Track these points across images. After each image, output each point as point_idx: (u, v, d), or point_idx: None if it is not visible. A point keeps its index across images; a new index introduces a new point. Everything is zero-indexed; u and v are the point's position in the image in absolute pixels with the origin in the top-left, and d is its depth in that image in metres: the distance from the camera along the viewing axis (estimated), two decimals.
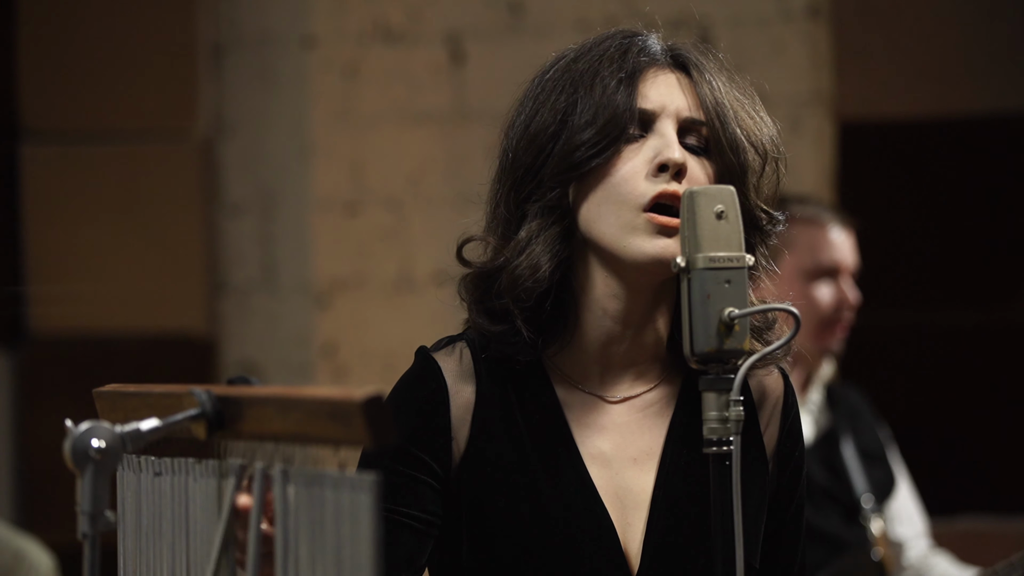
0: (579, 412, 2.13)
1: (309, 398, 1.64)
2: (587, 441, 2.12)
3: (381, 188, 5.00)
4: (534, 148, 2.08)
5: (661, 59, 2.11)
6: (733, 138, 2.07)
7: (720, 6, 4.83)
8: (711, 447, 1.90)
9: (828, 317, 3.78)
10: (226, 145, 5.08)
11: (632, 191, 2.04)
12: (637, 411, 2.14)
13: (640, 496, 2.12)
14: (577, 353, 2.13)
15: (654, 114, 2.07)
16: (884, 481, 3.88)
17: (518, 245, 2.08)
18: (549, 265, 2.07)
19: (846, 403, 3.92)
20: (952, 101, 4.91)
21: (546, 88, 2.10)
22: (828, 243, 3.80)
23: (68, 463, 1.67)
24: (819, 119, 4.90)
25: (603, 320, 2.11)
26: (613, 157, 2.05)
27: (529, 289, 2.07)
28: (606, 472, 2.12)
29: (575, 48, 2.14)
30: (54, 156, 5.02)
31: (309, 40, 5.04)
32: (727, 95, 2.10)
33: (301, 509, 1.63)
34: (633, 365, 2.14)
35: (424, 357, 2.13)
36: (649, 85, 2.08)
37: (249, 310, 5.05)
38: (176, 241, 5.02)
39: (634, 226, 2.04)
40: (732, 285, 1.91)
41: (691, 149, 2.07)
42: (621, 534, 2.10)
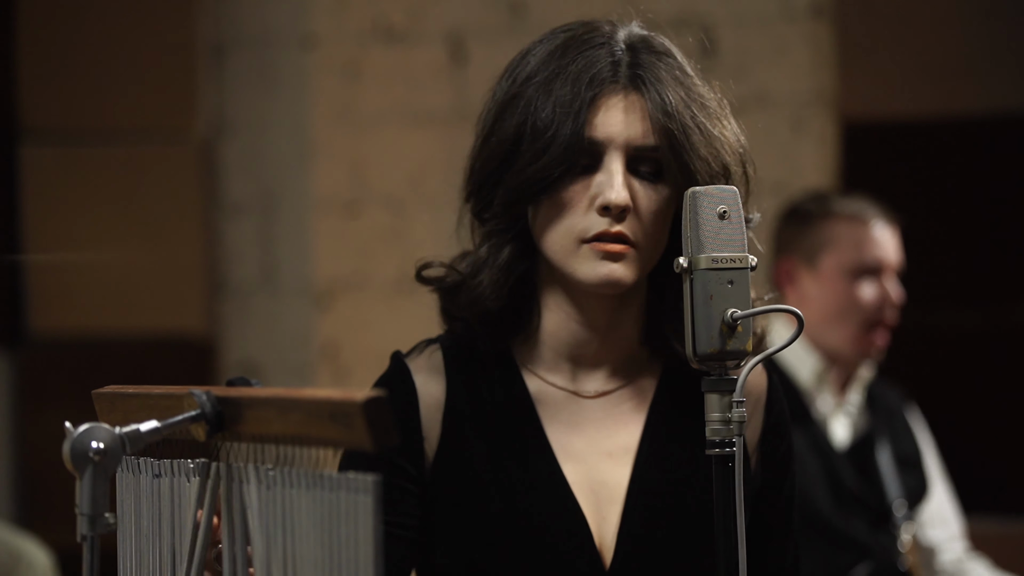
0: (552, 408, 2.15)
1: (309, 399, 1.64)
2: (560, 436, 2.14)
3: (382, 188, 4.99)
4: (488, 166, 2.11)
5: (619, 79, 2.08)
6: (685, 165, 2.06)
7: (723, 6, 4.83)
8: (714, 448, 1.90)
9: (871, 316, 3.75)
10: (226, 145, 5.08)
11: (575, 226, 2.07)
12: (612, 406, 2.16)
13: (615, 490, 2.13)
14: (547, 349, 2.16)
15: (603, 146, 2.07)
16: (917, 487, 3.85)
17: (477, 263, 2.13)
18: (508, 284, 2.12)
19: (884, 404, 3.89)
20: (956, 101, 4.91)
21: (511, 92, 2.11)
22: (871, 241, 3.76)
23: (67, 464, 1.66)
24: (822, 119, 4.89)
25: (568, 323, 2.15)
26: (560, 191, 2.07)
27: (489, 308, 2.12)
28: (580, 467, 2.13)
29: (551, 42, 2.13)
30: (54, 156, 5.02)
31: (310, 40, 5.04)
32: (683, 115, 2.08)
33: (302, 511, 1.63)
34: (605, 362, 2.16)
35: (395, 361, 2.17)
36: (602, 113, 2.07)
37: (249, 311, 5.05)
38: (176, 241, 5.01)
39: (577, 254, 2.07)
40: (735, 286, 1.91)
41: (644, 176, 2.08)
42: (595, 528, 2.11)
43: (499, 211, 2.10)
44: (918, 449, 3.90)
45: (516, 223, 2.11)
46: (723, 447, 1.90)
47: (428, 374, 2.15)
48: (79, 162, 5.01)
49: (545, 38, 2.15)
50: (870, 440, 3.81)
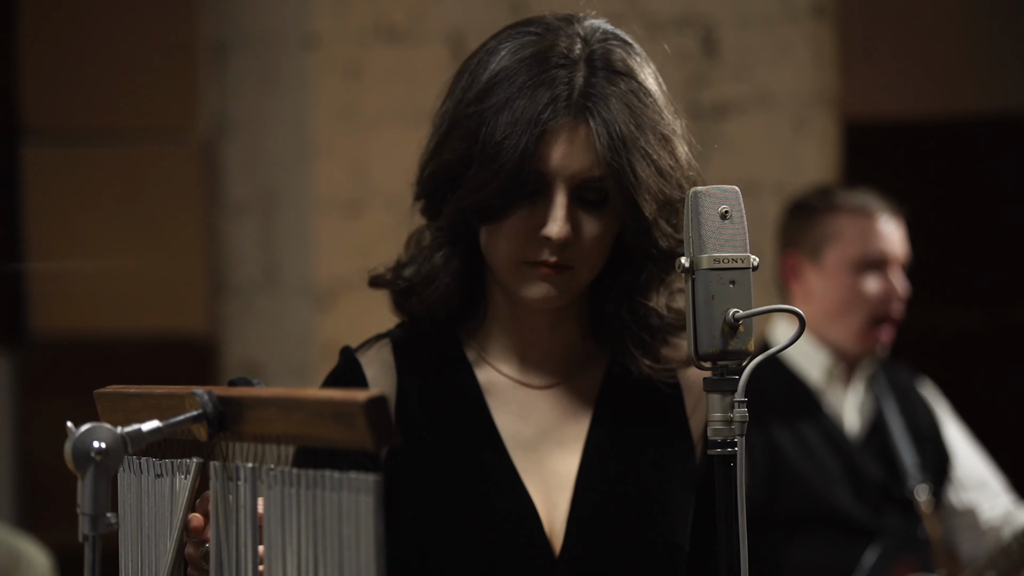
0: (502, 399, 2.19)
1: (311, 399, 1.64)
2: (510, 426, 2.18)
3: (383, 188, 4.99)
4: (435, 180, 2.15)
5: (569, 110, 2.08)
6: (629, 197, 2.08)
7: (725, 6, 4.83)
8: (716, 448, 1.90)
9: (877, 311, 3.74)
10: (228, 145, 5.08)
11: (518, 251, 2.11)
12: (561, 397, 2.20)
13: (565, 478, 2.16)
14: (496, 342, 2.20)
15: (549, 177, 2.08)
16: (937, 460, 3.83)
17: (430, 273, 2.17)
18: (459, 289, 2.17)
19: (894, 384, 3.87)
20: (957, 101, 4.91)
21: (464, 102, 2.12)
22: (876, 234, 3.75)
23: (69, 464, 1.66)
24: (824, 119, 4.89)
25: (513, 323, 2.19)
26: (505, 217, 2.10)
27: (441, 312, 2.17)
28: (531, 456, 2.17)
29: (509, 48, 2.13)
30: (55, 156, 5.01)
31: (311, 40, 5.04)
32: (631, 147, 2.08)
33: (303, 511, 1.63)
34: (552, 356, 2.20)
35: (345, 355, 2.21)
36: (551, 145, 2.08)
37: (251, 311, 5.05)
38: (177, 241, 5.01)
39: (518, 274, 2.12)
40: (737, 286, 1.91)
41: (588, 203, 2.10)
42: (546, 516, 2.14)
43: (445, 226, 2.14)
44: (934, 422, 3.88)
45: (464, 235, 2.15)
46: (725, 447, 1.89)
47: (379, 368, 2.18)
48: (80, 162, 5.01)
49: (509, 38, 2.15)
50: (881, 424, 3.79)
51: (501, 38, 2.16)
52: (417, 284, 2.18)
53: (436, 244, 2.17)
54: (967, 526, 3.88)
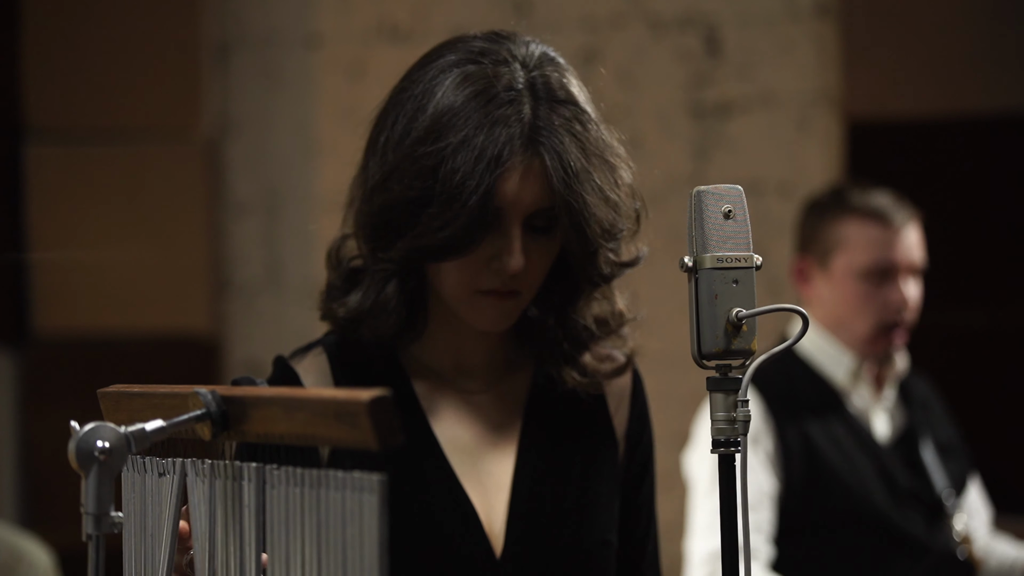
0: (438, 404, 2.22)
1: (315, 398, 1.64)
2: (447, 431, 2.21)
3: None
4: (387, 215, 2.14)
5: (522, 143, 2.10)
6: (580, 229, 2.11)
7: (728, 5, 4.82)
8: (719, 448, 1.89)
9: (884, 320, 3.70)
10: (231, 144, 5.08)
11: (471, 280, 2.13)
12: (495, 399, 2.24)
13: (501, 479, 2.20)
14: (432, 350, 2.23)
15: (505, 211, 2.11)
16: (961, 474, 3.81)
17: (382, 302, 2.18)
18: (405, 312, 2.18)
19: (918, 395, 3.85)
20: (961, 100, 4.91)
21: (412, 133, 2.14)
22: (883, 242, 3.70)
23: (72, 464, 1.66)
24: (827, 118, 4.89)
25: (452, 337, 2.23)
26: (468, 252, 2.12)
27: (389, 335, 2.19)
28: (467, 459, 2.20)
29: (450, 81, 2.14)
30: (58, 156, 5.02)
31: (314, 39, 5.04)
32: (580, 177, 2.10)
33: (307, 510, 1.63)
34: (485, 363, 2.25)
35: (280, 364, 2.26)
36: (507, 182, 2.10)
37: (254, 310, 5.05)
38: (181, 241, 5.01)
39: (471, 303, 2.15)
40: (740, 285, 1.91)
41: (538, 230, 2.13)
42: (485, 517, 2.18)
43: (398, 260, 2.14)
44: (955, 436, 3.86)
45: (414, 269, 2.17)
46: (728, 446, 1.89)
47: (316, 377, 2.21)
48: (83, 161, 5.01)
49: (446, 68, 2.15)
50: (912, 434, 3.76)
51: (437, 67, 2.16)
52: (367, 312, 2.19)
53: (386, 274, 2.18)
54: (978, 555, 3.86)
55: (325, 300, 2.28)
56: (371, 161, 2.21)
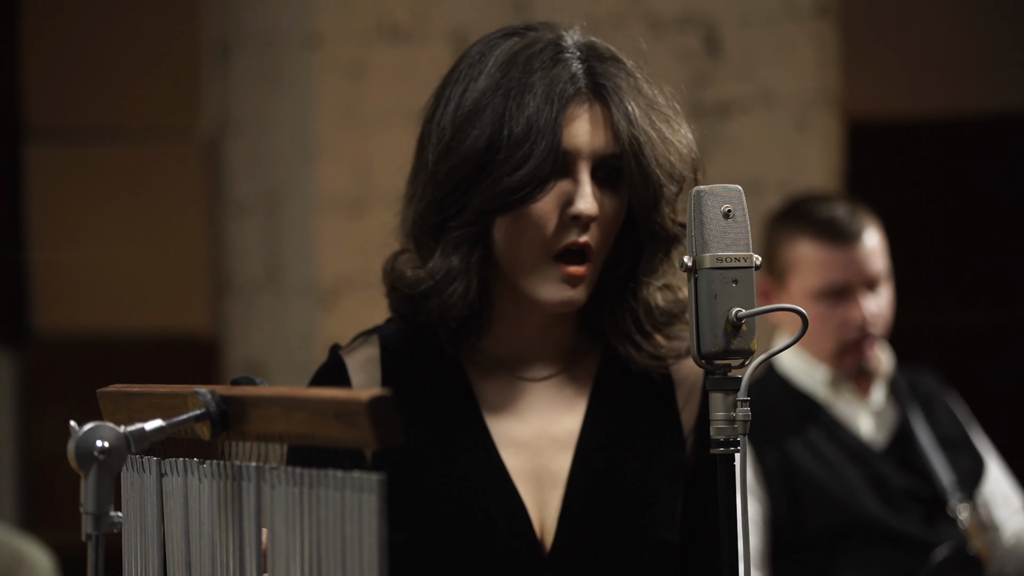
0: (493, 394, 2.19)
1: (314, 398, 1.64)
2: (501, 423, 2.18)
3: (386, 187, 4.96)
4: (457, 175, 2.14)
5: (583, 89, 2.14)
6: (646, 172, 2.12)
7: (728, 5, 4.82)
8: (718, 448, 1.90)
9: (844, 337, 3.66)
10: (231, 144, 5.08)
11: (544, 237, 2.12)
12: (554, 390, 2.20)
13: (558, 475, 2.16)
14: (493, 340, 2.20)
15: (573, 155, 2.12)
16: (971, 466, 3.76)
17: (449, 274, 2.14)
18: (476, 290, 2.14)
19: (918, 391, 3.80)
20: (960, 100, 4.91)
21: (471, 98, 2.15)
22: (832, 263, 3.64)
23: (72, 463, 1.67)
24: (827, 118, 4.89)
25: (514, 327, 2.20)
26: (531, 200, 2.11)
27: (458, 315, 2.15)
28: (522, 453, 2.17)
29: (501, 47, 2.16)
30: (58, 155, 5.01)
31: (314, 39, 5.04)
32: (642, 124, 2.13)
33: (307, 510, 1.63)
34: (546, 351, 2.21)
35: (332, 355, 2.25)
36: (572, 124, 2.12)
37: (254, 310, 5.05)
38: (180, 240, 5.01)
39: (544, 274, 2.13)
40: (739, 285, 1.91)
41: (604, 182, 2.13)
42: (537, 514, 2.14)
43: (470, 220, 2.13)
44: (963, 429, 3.81)
45: (483, 233, 2.14)
46: (727, 446, 1.89)
47: (363, 368, 2.20)
48: (83, 161, 5.01)
49: (492, 44, 2.18)
50: (906, 432, 3.73)
51: (483, 43, 2.19)
52: (435, 287, 2.15)
53: (455, 243, 2.15)
54: (992, 543, 3.80)
55: (390, 292, 2.23)
56: (427, 144, 2.19)
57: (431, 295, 2.15)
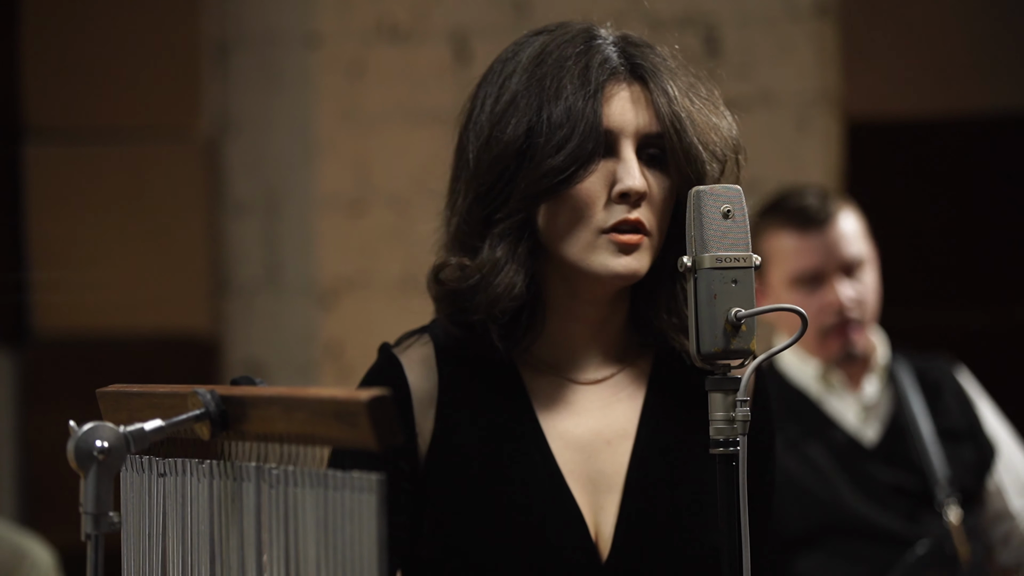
0: (547, 397, 2.15)
1: (314, 398, 1.64)
2: (557, 425, 2.14)
3: (386, 187, 4.99)
4: (499, 165, 2.11)
5: (620, 71, 2.12)
6: (689, 149, 2.10)
7: (727, 5, 4.82)
8: (718, 447, 1.90)
9: (822, 324, 3.66)
10: (230, 144, 5.08)
11: (594, 216, 2.08)
12: (609, 392, 2.16)
13: (613, 479, 2.13)
14: (545, 343, 2.16)
15: (616, 134, 2.10)
16: (975, 459, 3.73)
17: (495, 266, 2.10)
18: (523, 282, 2.10)
19: (925, 379, 3.77)
20: (960, 100, 4.91)
21: (508, 92, 2.12)
22: (801, 248, 3.66)
23: (72, 463, 1.67)
24: (826, 118, 4.89)
25: (568, 323, 2.15)
26: (577, 182, 2.08)
27: (506, 308, 2.10)
28: (578, 456, 2.13)
29: (533, 44, 2.15)
30: (57, 155, 5.01)
31: (314, 39, 5.04)
32: (683, 103, 2.12)
33: (306, 510, 1.63)
34: (599, 351, 2.16)
35: (385, 354, 2.18)
36: (611, 104, 2.10)
37: (253, 310, 5.05)
38: (180, 240, 5.01)
39: (595, 246, 2.08)
40: (739, 285, 1.91)
41: (649, 161, 2.11)
42: (593, 518, 2.11)
43: (516, 208, 2.10)
44: (973, 419, 3.78)
45: (528, 222, 2.11)
46: (727, 446, 1.90)
47: (420, 367, 2.15)
48: (83, 161, 5.01)
49: (524, 43, 2.17)
50: (901, 424, 3.71)
51: (515, 43, 2.18)
52: (482, 280, 2.11)
53: (499, 236, 2.11)
54: (1008, 534, 3.79)
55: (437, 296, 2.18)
56: (466, 146, 2.15)
57: (479, 289, 2.11)
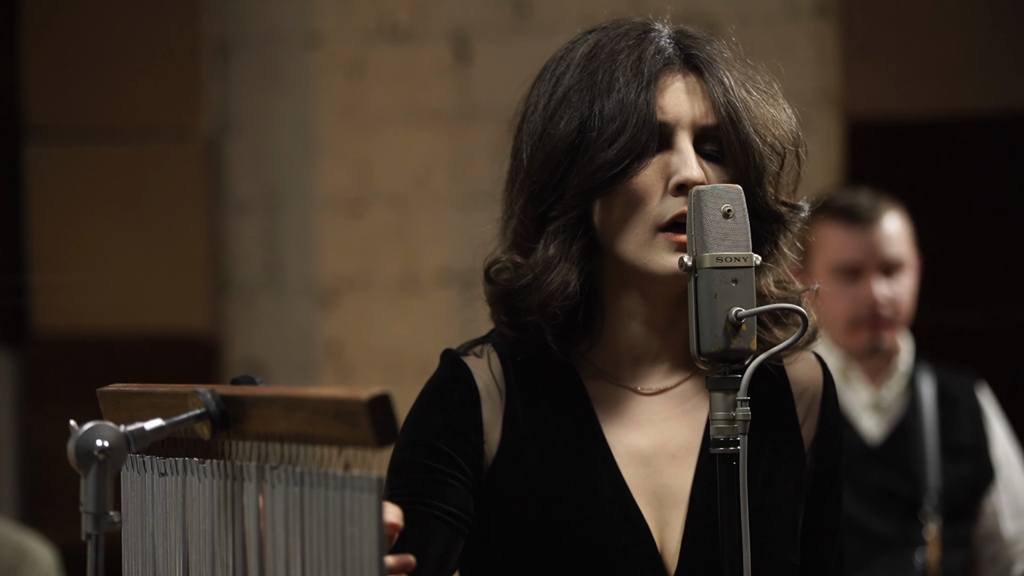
0: (612, 409, 2.10)
1: (314, 398, 1.64)
2: (622, 438, 2.09)
3: (386, 187, 4.99)
4: (552, 162, 2.06)
5: (674, 61, 2.08)
6: (746, 141, 2.05)
7: (727, 4, 4.82)
8: (718, 447, 1.90)
9: (853, 315, 3.72)
10: (230, 144, 5.08)
11: (650, 211, 2.03)
12: (674, 404, 2.11)
13: (679, 494, 2.08)
14: (607, 350, 2.10)
15: (671, 127, 2.05)
16: (972, 477, 3.75)
17: (548, 264, 2.05)
18: (578, 281, 2.05)
19: (944, 391, 3.80)
20: (960, 99, 4.91)
21: (561, 94, 2.08)
22: (847, 240, 3.73)
23: (72, 463, 1.67)
24: (827, 118, 4.89)
25: (629, 324, 2.09)
26: (633, 176, 2.04)
27: (561, 307, 2.05)
28: (643, 470, 2.08)
29: (586, 41, 2.11)
30: (58, 155, 5.01)
31: (314, 38, 5.04)
32: (740, 94, 2.07)
33: (306, 509, 1.63)
34: (665, 360, 2.11)
35: (453, 359, 2.11)
36: (665, 95, 2.06)
37: (254, 309, 5.05)
38: (180, 240, 5.01)
39: (652, 244, 2.03)
40: (739, 284, 1.91)
41: (707, 155, 2.06)
42: (658, 533, 2.07)
43: (570, 204, 2.05)
44: (981, 438, 3.79)
45: (583, 220, 2.06)
46: (727, 446, 1.89)
47: (488, 374, 2.10)
48: (83, 161, 5.01)
49: (578, 41, 2.12)
50: (908, 429, 3.72)
51: (568, 43, 2.13)
52: (534, 280, 2.05)
53: (553, 234, 2.06)
54: (996, 555, 3.80)
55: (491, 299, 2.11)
56: (520, 147, 2.10)
57: (531, 289, 2.05)
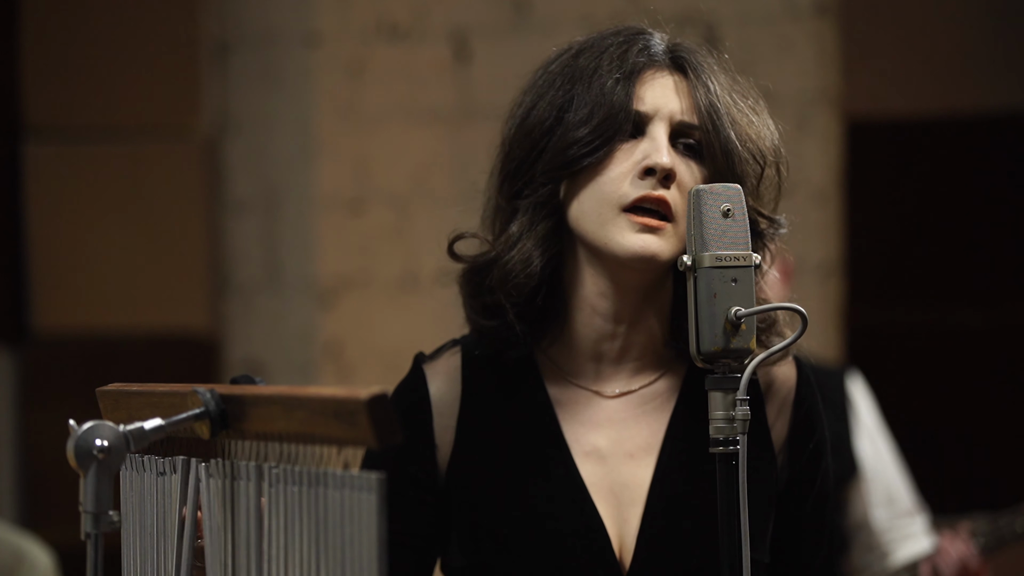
0: (572, 408, 2.12)
1: (314, 397, 1.64)
2: (580, 438, 2.10)
3: (386, 186, 4.99)
4: (528, 142, 2.08)
5: (661, 60, 2.10)
6: (726, 144, 2.05)
7: (727, 4, 4.83)
8: (717, 447, 1.90)
9: None
10: (230, 143, 5.08)
11: (615, 191, 2.04)
12: (635, 406, 2.12)
13: (637, 492, 2.09)
14: (570, 348, 2.12)
15: (648, 116, 2.06)
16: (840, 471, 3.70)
17: (509, 240, 2.08)
18: (540, 260, 2.07)
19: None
20: (959, 99, 4.91)
21: (546, 81, 2.10)
22: None
23: (71, 462, 1.66)
24: (826, 117, 4.89)
25: (593, 318, 2.10)
26: (605, 157, 2.05)
27: (520, 284, 2.07)
28: (600, 468, 2.10)
29: (579, 42, 2.13)
30: (57, 154, 5.02)
31: (314, 38, 5.04)
32: (724, 99, 2.08)
33: (306, 509, 1.63)
34: (628, 360, 2.12)
35: (414, 367, 2.15)
36: (646, 87, 2.07)
37: (253, 309, 5.05)
38: (180, 239, 5.02)
39: (614, 223, 2.03)
40: (739, 284, 1.91)
41: (686, 150, 2.07)
42: (616, 531, 2.08)
43: (541, 181, 2.07)
44: (844, 431, 3.79)
45: (552, 198, 2.08)
46: (727, 445, 1.89)
47: (444, 379, 2.12)
48: (83, 160, 5.01)
49: (575, 42, 2.14)
50: None
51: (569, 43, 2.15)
52: (496, 255, 2.08)
53: (519, 211, 2.08)
54: (866, 543, 3.82)
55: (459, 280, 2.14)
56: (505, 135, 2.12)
57: (493, 264, 2.09)
